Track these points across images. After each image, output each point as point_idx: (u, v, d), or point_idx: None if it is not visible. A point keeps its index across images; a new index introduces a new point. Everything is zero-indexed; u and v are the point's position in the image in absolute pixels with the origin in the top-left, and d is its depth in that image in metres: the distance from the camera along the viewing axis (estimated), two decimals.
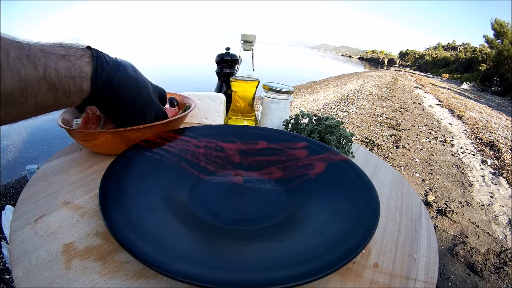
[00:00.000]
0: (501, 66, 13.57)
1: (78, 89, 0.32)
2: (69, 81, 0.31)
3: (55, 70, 0.29)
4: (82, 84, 0.32)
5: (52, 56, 0.29)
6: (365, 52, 66.30)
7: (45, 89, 0.28)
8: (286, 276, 0.24)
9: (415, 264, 0.31)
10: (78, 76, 0.32)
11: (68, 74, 0.30)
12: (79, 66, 0.32)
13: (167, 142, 0.45)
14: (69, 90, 0.31)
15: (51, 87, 0.29)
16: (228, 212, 0.36)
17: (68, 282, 0.25)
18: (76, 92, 0.32)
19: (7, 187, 1.70)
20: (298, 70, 12.92)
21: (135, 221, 0.29)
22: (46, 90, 0.29)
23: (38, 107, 0.29)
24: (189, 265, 0.24)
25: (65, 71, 0.30)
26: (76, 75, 0.31)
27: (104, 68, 0.34)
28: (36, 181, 0.39)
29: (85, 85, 0.33)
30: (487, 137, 3.45)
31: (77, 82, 0.32)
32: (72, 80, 0.31)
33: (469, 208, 1.82)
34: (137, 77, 0.39)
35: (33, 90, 0.27)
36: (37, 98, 0.28)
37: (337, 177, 0.40)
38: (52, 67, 0.29)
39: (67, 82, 0.30)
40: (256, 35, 0.57)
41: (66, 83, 0.30)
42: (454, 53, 25.29)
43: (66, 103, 0.32)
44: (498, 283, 1.21)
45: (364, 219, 0.32)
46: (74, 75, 0.31)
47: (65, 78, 0.30)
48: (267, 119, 0.62)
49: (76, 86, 0.32)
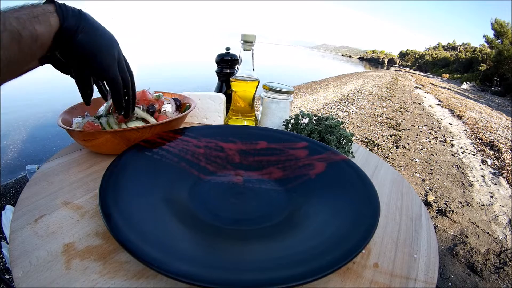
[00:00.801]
0: (501, 66, 13.57)
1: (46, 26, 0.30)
2: (33, 21, 0.29)
3: (15, 18, 0.27)
4: (49, 19, 0.30)
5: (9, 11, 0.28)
6: (365, 52, 66.32)
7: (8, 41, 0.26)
8: (286, 276, 0.24)
9: (415, 264, 0.31)
10: (42, 13, 0.30)
11: (31, 15, 0.29)
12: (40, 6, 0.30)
13: (167, 142, 0.45)
14: (35, 30, 0.29)
15: (14, 35, 0.27)
16: (228, 212, 0.36)
17: (68, 282, 0.25)
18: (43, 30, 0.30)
19: (7, 187, 1.70)
20: (298, 70, 12.92)
21: (135, 221, 0.29)
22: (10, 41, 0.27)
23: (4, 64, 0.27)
24: (189, 265, 0.24)
25: (27, 15, 0.28)
26: (40, 13, 0.30)
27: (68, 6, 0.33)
28: (36, 181, 0.39)
29: (52, 18, 0.31)
30: (487, 137, 3.45)
31: (42, 19, 0.30)
32: (36, 19, 0.29)
33: (469, 208, 1.82)
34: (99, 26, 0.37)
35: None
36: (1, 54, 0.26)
37: (337, 177, 0.40)
38: (12, 16, 0.27)
39: (31, 23, 0.28)
40: (256, 35, 0.57)
41: (30, 24, 0.28)
42: (454, 53, 25.30)
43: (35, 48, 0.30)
44: (498, 283, 1.21)
45: (364, 219, 0.32)
46: (37, 14, 0.29)
47: (28, 20, 0.28)
48: (267, 119, 0.62)
49: (41, 24, 0.29)
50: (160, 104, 0.54)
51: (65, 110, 0.49)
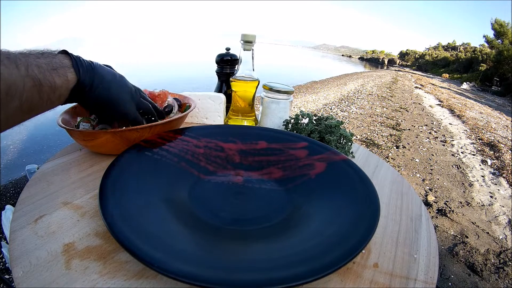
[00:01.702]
0: (501, 66, 13.56)
1: (64, 80, 0.32)
2: (52, 73, 0.31)
3: (37, 66, 0.29)
4: (67, 73, 0.33)
5: (31, 56, 0.30)
6: (365, 52, 66.29)
7: (30, 86, 0.28)
8: (286, 276, 0.24)
9: (415, 264, 0.31)
10: (60, 67, 0.32)
11: (50, 67, 0.31)
12: (59, 58, 0.33)
13: (167, 142, 0.45)
14: (54, 82, 0.31)
15: (35, 83, 0.29)
16: (228, 212, 0.36)
17: (68, 282, 0.25)
18: (62, 83, 0.32)
19: (7, 187, 1.70)
20: (298, 70, 12.92)
21: (135, 221, 0.29)
22: (31, 87, 0.29)
23: (24, 108, 0.29)
24: (189, 265, 0.24)
25: (46, 65, 0.31)
26: (58, 66, 0.32)
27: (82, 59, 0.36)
28: (36, 181, 0.39)
29: (69, 73, 0.33)
30: (487, 137, 3.45)
31: (61, 72, 0.32)
32: (55, 72, 0.31)
33: (469, 208, 1.82)
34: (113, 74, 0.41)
35: (17, 89, 0.27)
36: (22, 97, 0.28)
37: (337, 177, 0.40)
38: (33, 63, 0.29)
39: (51, 74, 0.31)
40: (256, 35, 0.57)
41: (50, 75, 0.31)
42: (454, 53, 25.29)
43: (53, 99, 0.32)
44: (498, 283, 1.21)
45: (364, 219, 0.32)
46: (56, 66, 0.32)
47: (48, 71, 0.31)
48: (267, 119, 0.62)
49: (60, 77, 0.32)
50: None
51: (65, 110, 0.49)
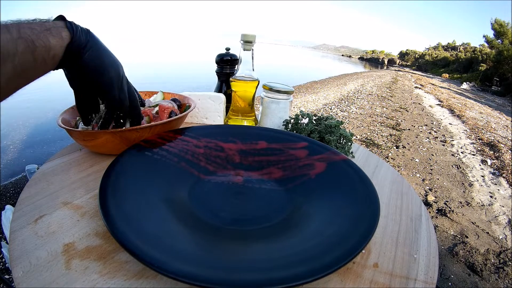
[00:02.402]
0: (501, 66, 13.56)
1: (58, 38, 0.32)
2: (46, 33, 0.31)
3: (29, 28, 0.29)
4: (61, 32, 0.32)
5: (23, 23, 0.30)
6: (365, 52, 66.28)
7: (23, 48, 0.28)
8: (286, 276, 0.24)
9: (415, 264, 0.31)
10: (54, 27, 0.32)
11: (43, 28, 0.31)
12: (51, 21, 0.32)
13: (167, 142, 0.45)
14: (48, 41, 0.31)
15: (28, 44, 0.28)
16: (228, 212, 0.36)
17: (68, 282, 0.25)
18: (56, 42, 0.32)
19: (7, 187, 1.70)
20: (298, 70, 12.92)
21: (135, 221, 0.29)
22: (24, 48, 0.28)
23: (18, 71, 0.28)
24: (189, 265, 0.24)
25: (39, 27, 0.30)
26: (52, 26, 0.32)
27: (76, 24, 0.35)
28: (36, 181, 0.39)
29: (63, 32, 0.33)
30: (487, 137, 3.45)
31: (55, 32, 0.32)
32: (48, 32, 0.31)
33: (469, 208, 1.82)
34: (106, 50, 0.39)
35: (9, 52, 0.27)
36: (15, 60, 0.27)
37: (337, 177, 0.40)
38: (25, 27, 0.29)
39: (44, 34, 0.30)
40: (256, 35, 0.57)
41: (43, 36, 0.30)
42: (454, 53, 25.29)
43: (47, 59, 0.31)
44: (498, 283, 1.21)
45: (364, 219, 0.32)
46: (49, 27, 0.31)
47: (41, 32, 0.30)
48: (267, 119, 0.62)
49: (54, 36, 0.31)
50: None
51: (65, 110, 0.49)
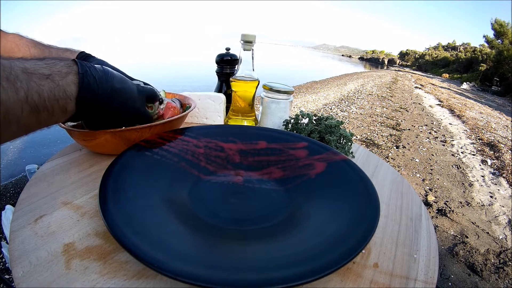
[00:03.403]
0: (501, 66, 13.56)
1: (62, 110, 0.32)
2: (53, 102, 0.30)
3: (37, 92, 0.28)
4: (67, 106, 0.32)
5: (35, 76, 0.28)
6: (365, 52, 66.26)
7: (28, 112, 0.28)
8: (286, 276, 0.24)
9: (415, 264, 0.31)
10: (62, 98, 0.31)
11: (52, 96, 0.30)
12: (63, 86, 0.31)
13: (167, 142, 0.45)
14: (53, 111, 0.30)
15: (33, 110, 0.28)
16: (228, 212, 0.36)
17: (68, 282, 0.25)
18: (60, 112, 0.32)
19: (7, 187, 1.70)
20: (298, 70, 12.91)
21: (135, 221, 0.29)
22: (29, 112, 0.28)
23: (21, 130, 0.29)
24: (189, 265, 0.24)
25: (48, 94, 0.29)
26: (60, 96, 0.31)
27: (91, 86, 0.33)
28: (36, 181, 0.39)
29: (69, 106, 0.32)
30: (487, 137, 3.45)
31: (61, 104, 0.31)
32: (56, 102, 0.30)
33: (469, 208, 1.82)
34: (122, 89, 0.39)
35: (15, 114, 0.27)
36: (20, 122, 0.28)
37: (337, 177, 0.40)
38: (34, 89, 0.28)
39: (51, 104, 0.30)
40: (256, 35, 0.57)
41: (49, 104, 0.30)
42: (454, 53, 25.28)
43: (50, 123, 0.32)
44: (498, 283, 1.21)
45: (364, 219, 0.32)
46: (58, 96, 0.30)
47: (48, 100, 0.29)
48: (267, 119, 0.62)
49: (60, 107, 0.31)
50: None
51: None
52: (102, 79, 0.35)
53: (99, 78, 0.35)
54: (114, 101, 0.37)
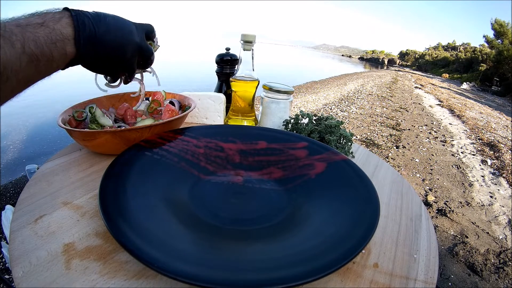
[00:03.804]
0: (501, 66, 13.56)
1: (62, 53, 0.31)
2: (50, 47, 0.30)
3: (33, 40, 0.28)
4: (65, 47, 0.31)
5: (29, 27, 0.28)
6: (365, 52, 66.26)
7: (26, 62, 0.27)
8: (286, 276, 0.24)
9: (415, 264, 0.31)
10: (60, 39, 0.31)
11: (49, 40, 0.29)
12: (59, 29, 0.31)
13: (167, 142, 0.45)
14: (52, 56, 0.30)
15: (32, 59, 0.28)
16: (228, 212, 0.36)
17: (68, 282, 0.25)
18: (60, 56, 0.31)
19: (7, 187, 1.70)
20: (298, 70, 12.92)
21: (135, 221, 0.29)
22: (27, 63, 0.28)
23: (21, 83, 0.28)
24: (189, 265, 0.24)
25: (45, 39, 0.29)
26: (58, 39, 0.30)
27: (86, 25, 0.33)
28: (36, 181, 0.39)
29: (68, 46, 0.32)
30: (487, 137, 3.45)
31: (60, 46, 0.31)
32: (54, 45, 0.30)
33: (469, 208, 1.82)
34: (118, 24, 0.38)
35: (13, 68, 0.26)
36: (19, 75, 0.27)
37: (337, 177, 0.40)
38: (30, 38, 0.28)
39: (49, 48, 0.29)
40: (256, 35, 0.57)
41: (47, 50, 0.29)
42: (454, 53, 25.29)
43: (50, 69, 0.31)
44: (498, 283, 1.21)
45: (364, 219, 0.32)
46: (55, 39, 0.30)
47: (46, 45, 0.29)
48: (267, 119, 0.62)
49: (59, 50, 0.31)
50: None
51: (65, 110, 0.49)
52: (95, 17, 0.35)
53: (92, 17, 0.35)
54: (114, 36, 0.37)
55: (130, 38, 0.39)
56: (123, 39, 0.38)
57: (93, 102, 0.54)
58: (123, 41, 0.38)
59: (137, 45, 0.40)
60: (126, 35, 0.38)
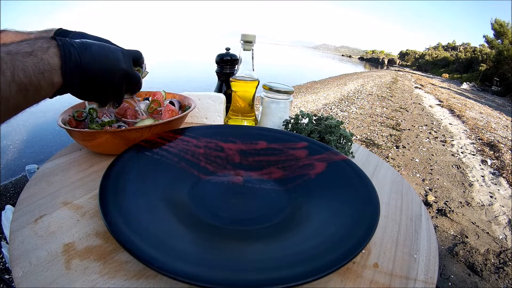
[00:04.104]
0: (501, 66, 13.56)
1: (49, 83, 0.32)
2: (38, 76, 0.30)
3: (22, 69, 0.29)
4: (53, 76, 0.32)
5: (18, 55, 0.29)
6: (365, 52, 66.26)
7: (15, 91, 0.28)
8: (286, 276, 0.24)
9: (415, 264, 0.31)
10: (47, 70, 0.31)
11: (37, 70, 0.30)
12: (47, 59, 0.32)
13: (167, 142, 0.45)
14: (40, 86, 0.31)
15: (21, 88, 0.29)
16: (228, 212, 0.36)
17: (68, 282, 0.25)
18: (47, 85, 0.32)
19: (7, 187, 1.70)
20: (298, 70, 12.91)
21: (135, 221, 0.29)
22: (16, 91, 0.28)
23: (11, 110, 0.29)
24: (189, 265, 0.24)
25: (33, 68, 0.30)
26: (46, 69, 0.31)
27: (72, 54, 0.34)
28: (36, 181, 0.39)
29: (55, 76, 0.33)
30: (487, 137, 3.45)
31: (47, 76, 0.31)
32: (41, 75, 0.31)
33: (469, 208, 1.82)
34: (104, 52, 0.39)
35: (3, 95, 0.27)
36: (9, 102, 0.28)
37: (337, 177, 0.40)
38: (19, 67, 0.28)
39: (37, 78, 0.30)
40: (256, 35, 0.57)
41: (35, 80, 0.30)
42: (454, 53, 25.28)
43: (38, 99, 0.32)
44: (498, 283, 1.21)
45: (364, 219, 0.32)
46: (43, 69, 0.31)
47: (34, 75, 0.30)
48: (267, 119, 0.62)
49: (46, 80, 0.31)
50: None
51: (65, 110, 0.49)
52: (81, 47, 0.36)
53: (78, 46, 0.35)
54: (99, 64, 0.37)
55: (117, 65, 0.40)
56: (109, 66, 0.39)
57: (93, 102, 0.54)
58: (109, 68, 0.39)
59: (124, 71, 0.41)
60: (112, 63, 0.39)
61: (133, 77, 0.43)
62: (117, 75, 0.40)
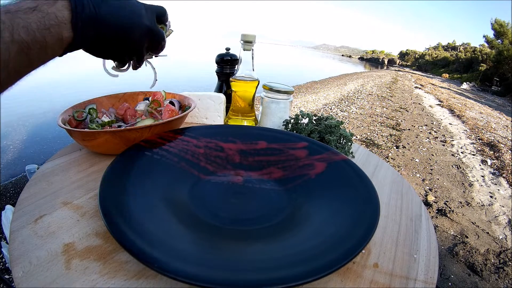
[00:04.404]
0: (501, 66, 13.56)
1: (58, 38, 0.28)
2: (44, 32, 0.27)
3: (24, 27, 0.25)
4: (61, 31, 0.29)
5: (19, 13, 0.26)
6: (365, 52, 66.27)
7: (15, 52, 0.25)
8: (286, 276, 0.24)
9: (415, 264, 0.31)
10: (54, 24, 0.28)
11: (42, 25, 0.27)
12: (54, 13, 0.28)
13: (167, 142, 0.45)
14: (46, 42, 0.27)
15: (23, 47, 0.26)
16: (228, 212, 0.36)
17: (68, 282, 0.25)
18: (55, 42, 0.28)
19: (7, 187, 1.70)
20: (298, 70, 12.91)
21: (135, 221, 0.29)
22: (17, 52, 0.25)
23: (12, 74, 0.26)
24: (189, 265, 0.24)
25: (37, 24, 0.26)
26: (52, 24, 0.28)
27: (85, 6, 0.30)
28: (36, 181, 0.39)
29: (65, 31, 0.29)
30: (487, 137, 3.45)
31: (54, 31, 0.28)
32: (47, 31, 0.27)
33: (469, 208, 1.82)
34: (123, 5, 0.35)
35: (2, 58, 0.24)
36: (8, 66, 0.25)
37: (337, 177, 0.40)
38: (20, 25, 0.25)
39: (42, 34, 0.27)
40: (256, 35, 0.57)
41: (40, 36, 0.27)
42: (454, 53, 25.28)
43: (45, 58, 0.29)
44: (498, 283, 1.21)
45: (364, 219, 0.32)
46: (49, 24, 0.27)
47: (38, 31, 0.26)
48: (267, 119, 0.62)
49: (54, 36, 0.28)
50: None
51: (65, 110, 0.49)
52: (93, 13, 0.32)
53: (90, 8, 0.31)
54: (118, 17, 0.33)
55: (139, 21, 0.36)
56: (129, 21, 0.35)
57: (93, 102, 0.54)
58: (130, 23, 0.35)
59: (147, 28, 0.37)
60: (133, 17, 0.35)
61: (156, 34, 0.39)
62: (138, 31, 0.36)
